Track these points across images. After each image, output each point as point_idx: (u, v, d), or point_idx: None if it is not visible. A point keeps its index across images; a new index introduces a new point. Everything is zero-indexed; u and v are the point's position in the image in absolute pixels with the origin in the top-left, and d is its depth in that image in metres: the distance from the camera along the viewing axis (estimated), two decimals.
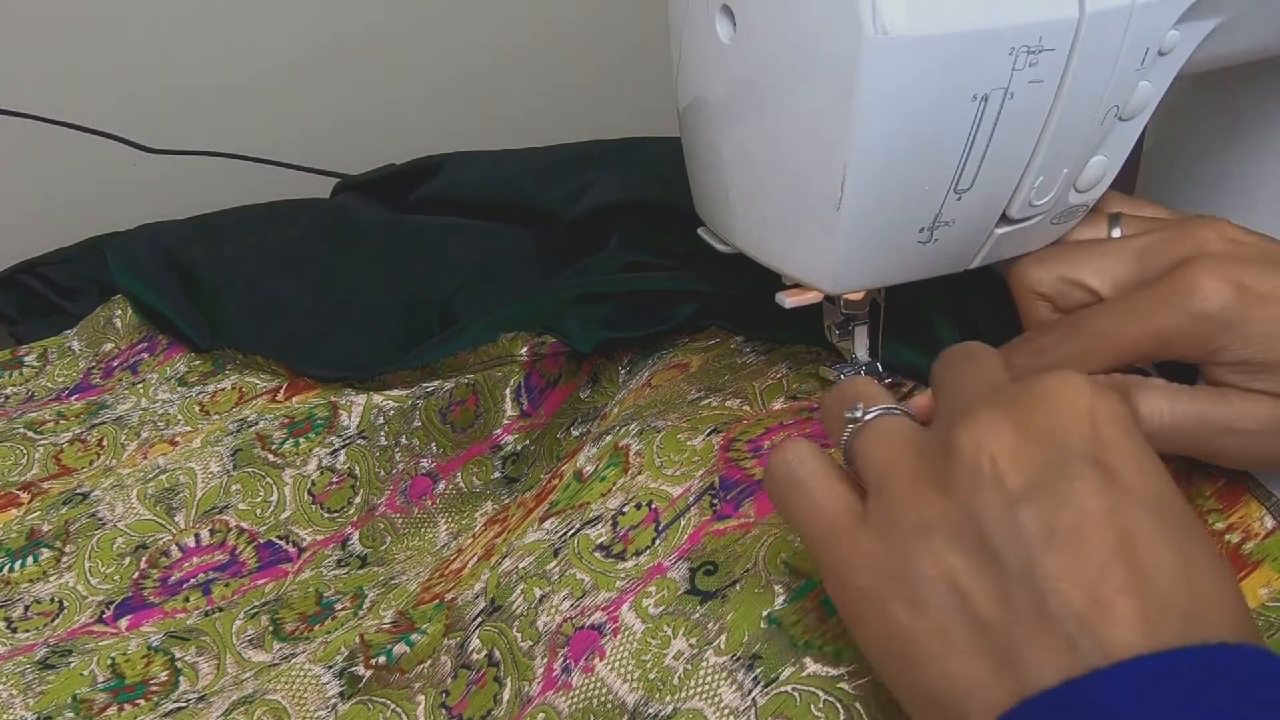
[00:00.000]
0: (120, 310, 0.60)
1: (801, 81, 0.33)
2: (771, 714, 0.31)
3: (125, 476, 0.49)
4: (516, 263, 0.57)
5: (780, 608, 0.33)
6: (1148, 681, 0.22)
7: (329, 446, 0.49)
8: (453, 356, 0.50)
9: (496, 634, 0.39)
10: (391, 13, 0.79)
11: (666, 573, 0.36)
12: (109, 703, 0.40)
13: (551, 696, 0.36)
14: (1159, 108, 0.37)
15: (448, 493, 0.50)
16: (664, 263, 0.51)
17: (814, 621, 0.33)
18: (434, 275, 0.57)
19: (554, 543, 0.40)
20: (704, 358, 0.48)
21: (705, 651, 0.34)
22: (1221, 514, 0.33)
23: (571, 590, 0.38)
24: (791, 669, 0.32)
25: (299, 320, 0.56)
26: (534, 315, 0.50)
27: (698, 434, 0.41)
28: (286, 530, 0.48)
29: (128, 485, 0.48)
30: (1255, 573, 0.32)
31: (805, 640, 0.32)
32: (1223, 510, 0.33)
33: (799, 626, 0.33)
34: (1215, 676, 0.22)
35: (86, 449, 0.52)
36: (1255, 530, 0.33)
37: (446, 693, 0.38)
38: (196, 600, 0.45)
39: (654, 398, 0.46)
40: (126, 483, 0.48)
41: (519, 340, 0.50)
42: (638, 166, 0.60)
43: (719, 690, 0.33)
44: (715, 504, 0.38)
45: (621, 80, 0.89)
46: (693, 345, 0.50)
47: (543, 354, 0.50)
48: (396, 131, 0.83)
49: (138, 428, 0.53)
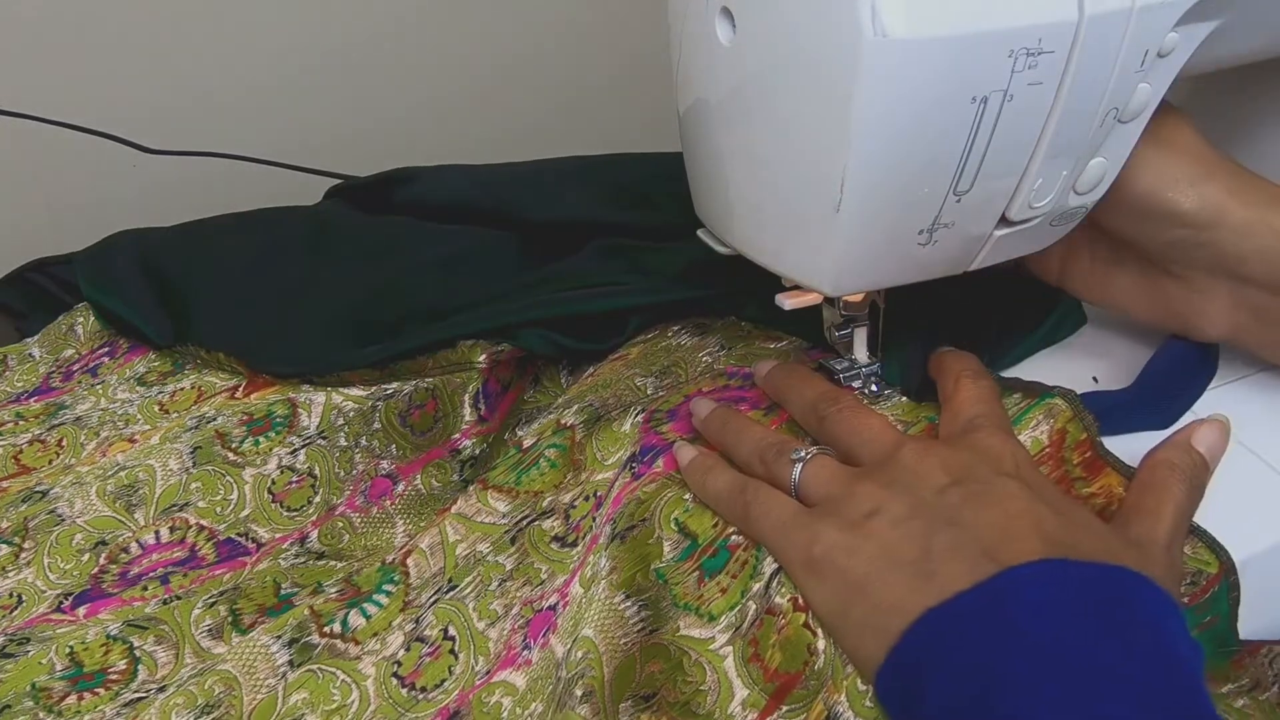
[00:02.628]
0: (82, 318, 0.60)
1: (801, 84, 0.33)
2: (651, 658, 0.36)
3: (85, 474, 0.49)
4: (487, 263, 0.58)
5: (667, 563, 0.37)
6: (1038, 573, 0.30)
7: (289, 446, 0.50)
8: (411, 360, 0.51)
9: (454, 611, 0.41)
10: (392, 14, 0.79)
11: (599, 540, 0.40)
12: (68, 691, 0.40)
13: (512, 673, 0.39)
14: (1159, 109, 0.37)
15: (407, 494, 0.50)
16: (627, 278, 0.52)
17: (693, 584, 0.37)
18: (401, 275, 0.57)
19: (509, 530, 0.43)
20: (642, 348, 0.50)
21: (599, 585, 0.38)
22: (1086, 481, 0.38)
23: (530, 578, 0.41)
24: (670, 625, 0.36)
25: (263, 319, 0.56)
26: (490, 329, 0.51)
27: (626, 419, 0.44)
28: (246, 528, 0.48)
29: (87, 482, 0.48)
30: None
31: (685, 602, 0.36)
32: (1087, 478, 0.38)
33: (680, 587, 0.37)
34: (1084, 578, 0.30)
35: (46, 449, 0.52)
36: (1117, 494, 0.38)
37: (399, 663, 0.40)
38: (155, 590, 0.45)
39: (594, 383, 0.48)
40: (85, 480, 0.48)
41: (478, 348, 0.50)
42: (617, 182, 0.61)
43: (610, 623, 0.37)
44: (634, 467, 0.41)
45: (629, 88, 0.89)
46: (633, 341, 0.52)
47: (500, 360, 0.51)
48: (397, 132, 0.83)
49: (97, 428, 0.53)
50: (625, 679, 0.36)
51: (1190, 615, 0.35)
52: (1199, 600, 0.35)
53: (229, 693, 0.39)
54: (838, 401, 0.40)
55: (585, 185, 0.62)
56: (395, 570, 0.43)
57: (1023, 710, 0.27)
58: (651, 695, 0.35)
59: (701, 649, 0.35)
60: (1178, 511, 0.35)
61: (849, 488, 0.35)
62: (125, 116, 0.72)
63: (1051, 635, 0.29)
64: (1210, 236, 0.38)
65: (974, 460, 0.35)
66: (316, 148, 0.78)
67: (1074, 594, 0.30)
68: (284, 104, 0.79)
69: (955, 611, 0.30)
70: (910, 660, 0.31)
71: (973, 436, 0.37)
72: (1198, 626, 0.36)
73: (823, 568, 0.34)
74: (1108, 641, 0.29)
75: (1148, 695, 0.27)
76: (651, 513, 0.39)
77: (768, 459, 0.38)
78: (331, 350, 0.53)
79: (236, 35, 0.75)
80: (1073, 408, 0.39)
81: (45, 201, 0.75)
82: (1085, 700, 0.27)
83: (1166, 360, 0.42)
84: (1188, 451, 0.37)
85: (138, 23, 0.72)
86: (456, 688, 0.39)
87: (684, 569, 0.37)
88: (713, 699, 0.34)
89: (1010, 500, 0.33)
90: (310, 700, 0.39)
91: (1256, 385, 0.43)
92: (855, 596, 0.33)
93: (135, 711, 0.39)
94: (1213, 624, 0.36)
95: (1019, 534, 0.32)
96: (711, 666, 0.35)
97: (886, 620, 0.31)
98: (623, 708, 0.35)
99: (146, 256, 0.61)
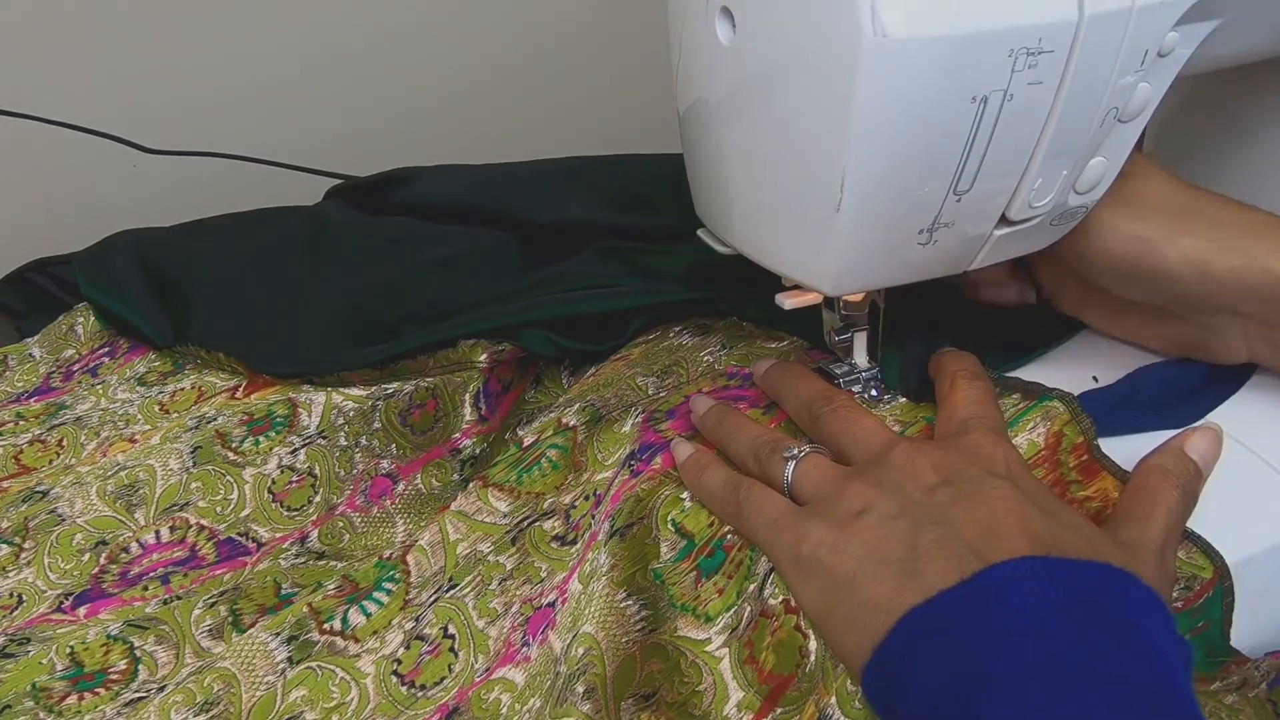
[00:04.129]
0: (83, 319, 0.60)
1: (801, 83, 0.33)
2: (650, 657, 0.36)
3: (85, 474, 0.49)
4: (488, 264, 0.58)
5: (664, 563, 0.38)
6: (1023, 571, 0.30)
7: (289, 446, 0.50)
8: (411, 359, 0.51)
9: (454, 610, 0.41)
10: (392, 15, 0.79)
11: (598, 537, 0.40)
12: (68, 691, 0.40)
13: (511, 670, 0.39)
14: (1158, 109, 0.37)
15: (407, 494, 0.50)
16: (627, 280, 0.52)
17: (690, 584, 0.37)
18: (401, 275, 0.57)
19: (510, 530, 0.42)
20: (643, 348, 0.51)
21: (599, 581, 0.38)
22: (1082, 484, 0.38)
23: (530, 577, 0.41)
24: (668, 625, 0.36)
25: (263, 319, 0.56)
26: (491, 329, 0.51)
27: (626, 419, 0.44)
28: (246, 528, 0.48)
29: (87, 482, 0.48)
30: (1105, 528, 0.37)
31: (682, 602, 0.36)
32: (1083, 481, 0.38)
33: (677, 588, 0.37)
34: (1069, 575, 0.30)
35: (46, 449, 0.52)
36: (1112, 498, 0.38)
37: (399, 661, 0.40)
38: (155, 590, 0.45)
39: (595, 382, 0.48)
40: (86, 479, 0.48)
41: (479, 348, 0.50)
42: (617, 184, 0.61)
43: (611, 620, 0.37)
44: (633, 464, 0.41)
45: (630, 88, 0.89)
46: (634, 341, 0.52)
47: (501, 360, 0.51)
48: (397, 132, 0.83)
49: (97, 428, 0.53)
50: (626, 677, 0.36)
51: (1183, 620, 0.35)
52: (1192, 605, 0.36)
53: (228, 690, 0.39)
54: (832, 400, 0.40)
55: (586, 187, 0.62)
56: (395, 567, 0.43)
57: (1005, 712, 0.27)
58: (651, 694, 0.35)
59: (698, 650, 0.35)
60: (1170, 516, 0.35)
61: (840, 487, 0.36)
62: (125, 116, 0.72)
63: (1034, 633, 0.29)
64: (1200, 289, 0.38)
65: (965, 461, 0.35)
66: (316, 148, 0.78)
67: (1057, 591, 0.30)
68: (284, 104, 0.79)
69: (938, 610, 0.30)
70: (894, 658, 0.31)
71: (966, 438, 0.37)
72: (1190, 631, 0.36)
73: (810, 566, 0.34)
74: (1091, 639, 0.28)
75: (1132, 695, 0.27)
76: (649, 510, 0.39)
77: (761, 456, 0.39)
78: (331, 350, 0.53)
79: (236, 35, 0.75)
80: (1071, 411, 0.39)
81: (45, 201, 0.75)
82: (1068, 701, 0.27)
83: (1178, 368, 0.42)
84: (1181, 458, 0.37)
85: (138, 23, 0.72)
86: (456, 685, 0.39)
87: (681, 569, 0.37)
88: (709, 700, 0.34)
89: (999, 500, 0.33)
90: (309, 697, 0.39)
91: (1256, 385, 0.43)
92: (841, 594, 0.33)
93: (135, 711, 0.39)
94: (1205, 629, 0.36)
95: (1005, 532, 0.32)
96: (708, 668, 0.35)
97: (872, 618, 0.32)
98: (624, 706, 0.36)
99: (146, 256, 0.61)
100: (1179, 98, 0.48)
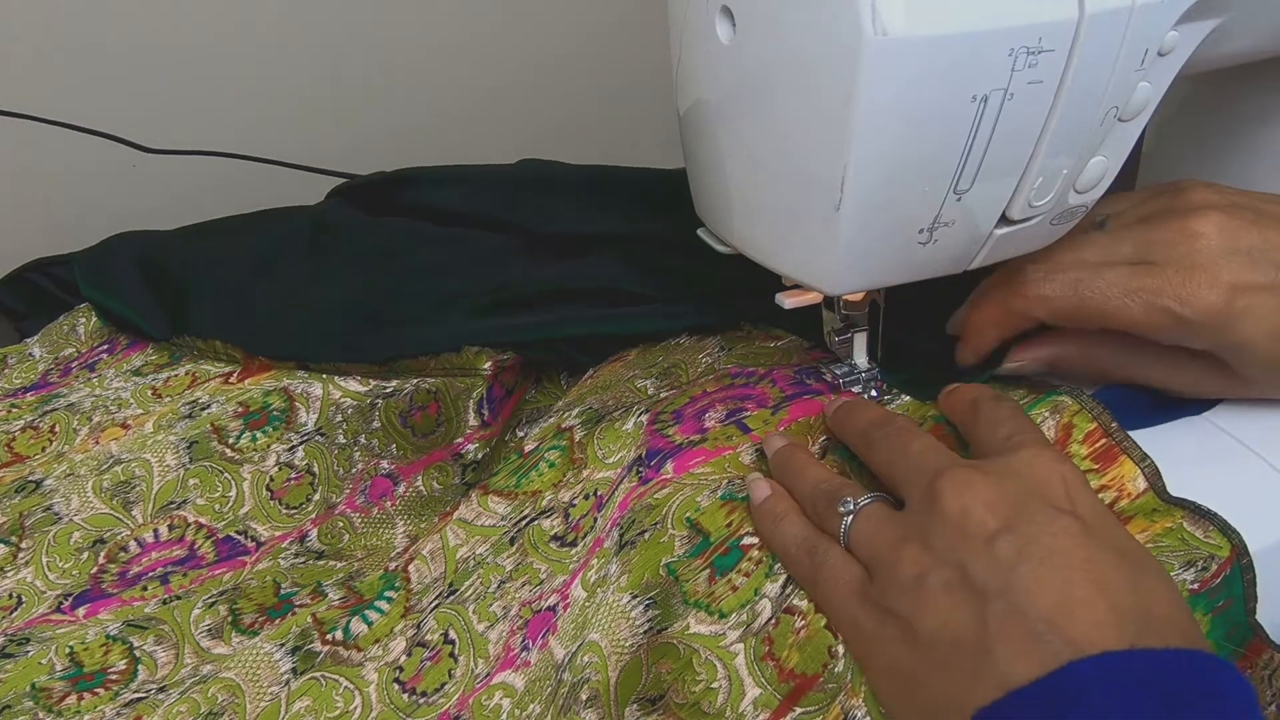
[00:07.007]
0: (84, 319, 0.60)
1: (801, 82, 0.33)
2: (660, 657, 0.35)
3: (78, 464, 0.49)
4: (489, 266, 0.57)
5: (678, 559, 0.37)
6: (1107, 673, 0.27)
7: (287, 443, 0.49)
8: (412, 358, 0.51)
9: (454, 615, 0.41)
10: (392, 13, 0.79)
11: (603, 544, 0.40)
12: (68, 691, 0.40)
13: (510, 675, 0.39)
14: (1159, 108, 0.37)
15: (408, 495, 0.50)
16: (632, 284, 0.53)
17: (704, 581, 0.36)
18: (402, 277, 0.57)
19: (509, 530, 0.42)
20: (641, 349, 0.51)
21: (608, 590, 0.38)
22: (1098, 473, 0.37)
23: (529, 579, 0.41)
24: (680, 624, 0.36)
25: (261, 312, 0.56)
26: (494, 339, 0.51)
27: (629, 418, 0.44)
28: (245, 525, 0.47)
29: (82, 475, 0.48)
30: (1126, 526, 0.36)
31: (695, 599, 0.36)
32: (1099, 470, 0.37)
33: (691, 584, 0.36)
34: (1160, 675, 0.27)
35: (39, 435, 0.52)
36: (1129, 490, 0.36)
37: (400, 668, 0.40)
38: (154, 589, 0.45)
39: (594, 384, 0.48)
40: (80, 472, 0.48)
41: (483, 355, 0.50)
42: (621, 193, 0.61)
43: (616, 625, 0.37)
44: (641, 471, 0.41)
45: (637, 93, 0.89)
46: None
47: (505, 366, 0.50)
48: (398, 131, 0.83)
49: (89, 413, 0.52)
50: (631, 681, 0.36)
51: (1204, 600, 0.35)
52: (1210, 584, 0.35)
53: (232, 700, 0.39)
54: (886, 425, 0.38)
55: (588, 195, 0.61)
56: (397, 577, 0.43)
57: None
58: (659, 698, 0.35)
59: (712, 646, 0.35)
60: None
61: (895, 552, 0.33)
62: (125, 116, 0.72)
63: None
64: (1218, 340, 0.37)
65: (1021, 494, 0.32)
66: (317, 147, 0.78)
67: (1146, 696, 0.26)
68: (284, 104, 0.79)
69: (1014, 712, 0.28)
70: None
71: (1015, 457, 0.34)
72: (1212, 611, 0.35)
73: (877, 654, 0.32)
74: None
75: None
76: (663, 516, 0.39)
77: (820, 509, 0.37)
78: (330, 341, 0.53)
79: (236, 35, 0.75)
80: (1079, 401, 0.39)
81: (45, 201, 0.75)
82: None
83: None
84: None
85: (138, 23, 0.72)
86: (457, 691, 0.39)
87: (695, 566, 0.37)
88: (723, 697, 0.34)
89: (1068, 552, 0.30)
90: (313, 707, 0.39)
91: None
92: (913, 686, 0.31)
93: (135, 711, 0.39)
94: (1227, 607, 0.35)
95: (1082, 599, 0.29)
96: (722, 663, 0.35)
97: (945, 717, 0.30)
98: (628, 711, 0.35)
99: (145, 256, 0.61)
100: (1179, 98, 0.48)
